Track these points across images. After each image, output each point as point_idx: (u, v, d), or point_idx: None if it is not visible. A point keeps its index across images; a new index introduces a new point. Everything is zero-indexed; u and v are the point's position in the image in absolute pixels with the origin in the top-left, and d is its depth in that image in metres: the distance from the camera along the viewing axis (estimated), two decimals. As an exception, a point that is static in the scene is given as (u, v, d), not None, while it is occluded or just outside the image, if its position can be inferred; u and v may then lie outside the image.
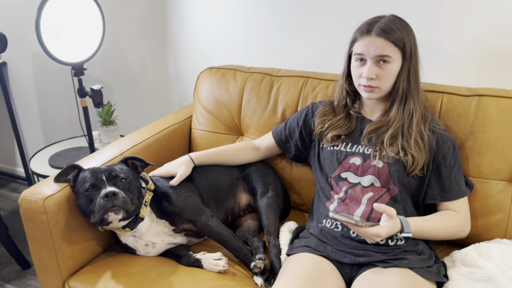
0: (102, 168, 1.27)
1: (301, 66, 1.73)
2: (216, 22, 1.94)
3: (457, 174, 1.27)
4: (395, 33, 1.20)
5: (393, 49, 1.21)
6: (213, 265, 1.29)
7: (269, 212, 1.43)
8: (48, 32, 1.64)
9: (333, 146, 1.35)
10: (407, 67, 1.23)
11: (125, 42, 2.18)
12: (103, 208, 1.18)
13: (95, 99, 1.73)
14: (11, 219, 2.44)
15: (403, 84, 1.24)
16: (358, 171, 1.29)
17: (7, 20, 2.38)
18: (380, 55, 1.20)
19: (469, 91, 1.38)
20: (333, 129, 1.35)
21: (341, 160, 1.32)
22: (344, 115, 1.36)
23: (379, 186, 1.26)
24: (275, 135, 1.54)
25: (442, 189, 1.26)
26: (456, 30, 1.53)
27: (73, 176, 1.31)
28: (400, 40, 1.20)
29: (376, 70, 1.22)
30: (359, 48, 1.24)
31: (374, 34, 1.21)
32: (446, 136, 1.27)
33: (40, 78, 2.50)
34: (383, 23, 1.22)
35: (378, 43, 1.20)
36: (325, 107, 1.42)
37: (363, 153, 1.30)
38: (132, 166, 1.35)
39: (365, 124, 1.34)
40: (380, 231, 1.11)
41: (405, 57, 1.22)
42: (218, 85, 1.74)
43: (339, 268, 1.21)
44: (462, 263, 1.21)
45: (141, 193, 1.30)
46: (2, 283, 1.97)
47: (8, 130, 2.72)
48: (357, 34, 1.26)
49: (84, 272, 1.32)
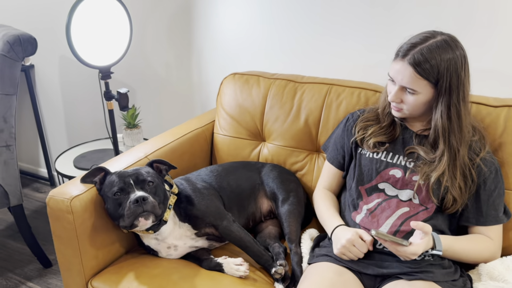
0: (129, 171, 1.29)
1: (324, 73, 1.73)
2: (241, 28, 1.95)
3: (496, 199, 1.22)
4: (429, 65, 1.11)
5: (422, 83, 1.14)
6: (234, 270, 1.29)
7: (291, 219, 1.42)
8: (77, 37, 1.68)
9: (374, 153, 1.30)
10: (444, 103, 1.15)
11: (150, 47, 2.21)
12: (134, 213, 1.19)
13: (121, 102, 1.75)
14: (34, 218, 2.49)
15: (442, 121, 1.16)
16: (397, 184, 1.25)
17: (35, 23, 2.44)
18: (406, 86, 1.17)
19: (497, 102, 1.36)
20: (376, 136, 1.30)
21: (380, 171, 1.28)
22: (389, 123, 1.31)
23: (417, 203, 1.22)
24: (333, 161, 1.43)
25: (479, 213, 1.22)
26: (484, 41, 1.51)
27: (99, 179, 1.32)
28: (433, 75, 1.12)
29: (402, 96, 1.19)
30: (391, 70, 1.20)
31: (407, 61, 1.14)
32: (490, 160, 1.22)
33: (66, 81, 2.56)
34: (421, 50, 1.12)
35: (406, 73, 1.14)
36: (369, 113, 1.37)
37: (404, 166, 1.25)
38: (157, 169, 1.36)
39: (408, 134, 1.29)
40: (417, 249, 1.09)
41: (439, 92, 1.14)
42: (242, 91, 1.75)
43: (361, 279, 1.19)
44: (489, 277, 1.18)
45: (167, 196, 1.31)
46: (24, 281, 2.01)
47: (33, 131, 2.78)
48: (398, 50, 1.18)
49: (107, 273, 1.34)
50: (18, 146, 2.84)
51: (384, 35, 1.64)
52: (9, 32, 1.79)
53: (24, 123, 2.82)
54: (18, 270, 2.08)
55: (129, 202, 1.20)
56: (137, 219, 1.20)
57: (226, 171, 1.54)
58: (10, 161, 1.84)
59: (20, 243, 2.26)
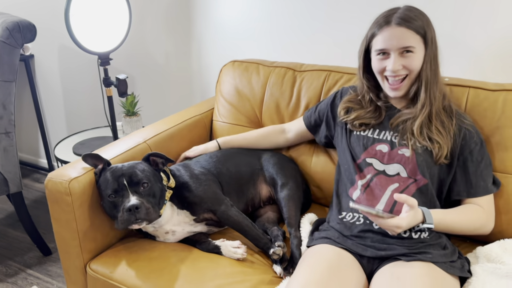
0: (123, 169, 1.25)
1: (323, 61, 1.73)
2: (240, 16, 1.95)
3: (484, 170, 1.24)
4: (415, 21, 1.18)
5: (416, 38, 1.19)
6: (232, 252, 1.30)
7: (290, 204, 1.43)
8: (76, 22, 1.67)
9: (360, 132, 1.34)
10: (429, 55, 1.21)
11: (150, 34, 2.21)
12: (127, 221, 1.20)
13: (120, 88, 1.75)
14: (34, 208, 2.49)
15: (427, 72, 1.22)
16: (384, 159, 1.27)
17: (35, 13, 2.43)
18: (404, 46, 1.18)
19: (496, 86, 1.36)
20: (361, 119, 1.33)
21: (367, 146, 1.31)
22: (373, 108, 1.34)
23: (406, 176, 1.24)
24: (305, 118, 1.54)
25: (468, 185, 1.24)
26: (482, 27, 1.51)
27: (99, 170, 1.31)
28: (421, 28, 1.18)
29: (401, 61, 1.21)
30: (380, 42, 1.21)
31: (394, 24, 1.18)
32: (473, 132, 1.25)
33: (66, 70, 2.56)
34: (401, 13, 1.19)
35: (400, 33, 1.18)
36: (353, 95, 1.40)
37: (390, 140, 1.28)
38: (153, 162, 1.34)
39: (392, 111, 1.33)
40: (400, 222, 1.09)
41: (427, 45, 1.20)
42: (241, 78, 1.75)
43: (360, 260, 1.20)
44: (486, 259, 1.19)
45: (163, 194, 1.30)
46: (24, 268, 2.02)
47: (33, 121, 2.78)
48: (375, 28, 1.23)
49: (105, 256, 1.34)
50: (18, 136, 2.85)
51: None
52: (8, 19, 1.79)
53: (24, 114, 2.82)
54: (18, 258, 2.08)
55: (123, 209, 1.20)
56: (131, 225, 1.21)
57: (225, 157, 1.54)
58: (10, 148, 1.84)
59: (20, 232, 2.26)
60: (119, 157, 1.41)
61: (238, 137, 1.62)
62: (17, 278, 1.96)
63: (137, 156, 1.45)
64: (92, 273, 1.31)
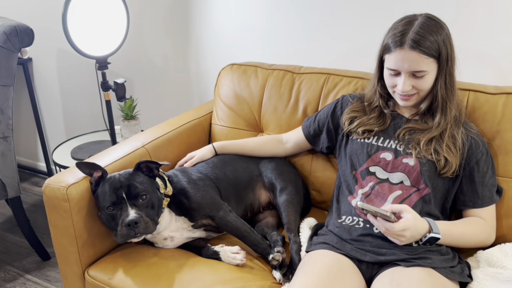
0: (121, 179, 1.24)
1: (322, 64, 1.72)
2: (238, 19, 1.94)
3: (490, 180, 1.24)
4: (429, 42, 1.14)
5: (428, 61, 1.16)
6: (231, 258, 1.29)
7: (290, 209, 1.42)
8: (73, 26, 1.67)
9: (364, 139, 1.33)
10: (443, 74, 1.19)
11: (148, 38, 2.20)
12: (126, 236, 1.19)
13: (118, 92, 1.75)
14: (33, 212, 2.48)
15: (441, 91, 1.20)
16: (388, 167, 1.26)
17: (32, 17, 2.43)
18: (415, 70, 1.16)
19: (496, 89, 1.35)
20: (365, 125, 1.32)
21: (371, 154, 1.29)
22: (377, 114, 1.33)
23: (409, 185, 1.23)
24: (304, 128, 1.53)
25: (475, 196, 1.23)
26: (489, 33, 1.50)
27: (95, 179, 1.28)
28: (435, 50, 1.15)
29: (412, 82, 1.19)
30: (392, 63, 1.19)
31: (408, 46, 1.14)
32: (479, 141, 1.24)
33: (64, 74, 2.55)
34: (416, 31, 1.14)
35: (412, 57, 1.15)
36: (356, 104, 1.39)
37: (395, 149, 1.27)
38: (147, 168, 1.31)
39: (399, 120, 1.31)
40: (407, 223, 1.08)
41: (441, 65, 1.18)
42: (239, 82, 1.74)
43: (359, 266, 1.19)
44: (487, 264, 1.18)
45: (161, 204, 1.29)
46: (22, 273, 2.01)
47: (31, 125, 2.78)
48: (390, 43, 1.18)
49: (104, 262, 1.34)
50: (16, 140, 2.84)
51: (382, 24, 1.63)
52: (5, 23, 1.78)
53: (22, 118, 2.82)
54: (17, 263, 2.07)
55: (122, 223, 1.19)
56: (130, 239, 1.21)
57: (223, 162, 1.53)
58: (8, 152, 1.84)
59: (18, 236, 2.25)
60: (117, 163, 1.40)
61: (235, 143, 1.59)
62: (16, 283, 1.95)
63: (135, 161, 1.42)
64: (91, 279, 1.30)
